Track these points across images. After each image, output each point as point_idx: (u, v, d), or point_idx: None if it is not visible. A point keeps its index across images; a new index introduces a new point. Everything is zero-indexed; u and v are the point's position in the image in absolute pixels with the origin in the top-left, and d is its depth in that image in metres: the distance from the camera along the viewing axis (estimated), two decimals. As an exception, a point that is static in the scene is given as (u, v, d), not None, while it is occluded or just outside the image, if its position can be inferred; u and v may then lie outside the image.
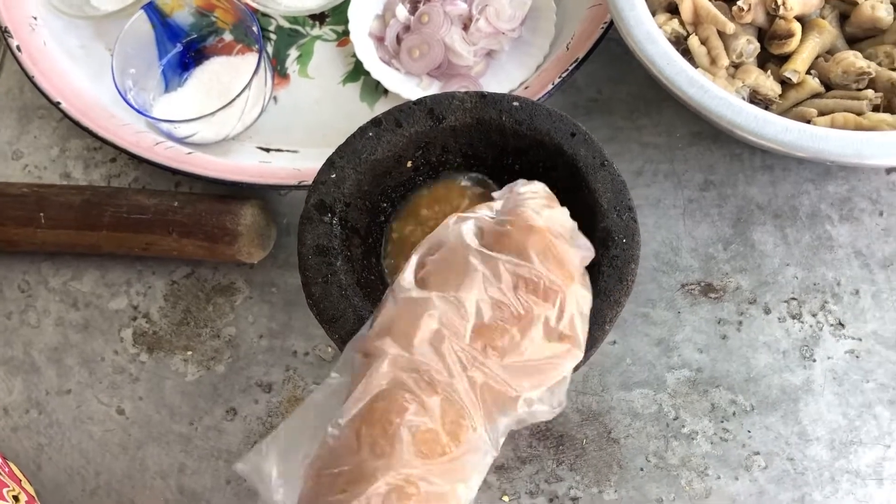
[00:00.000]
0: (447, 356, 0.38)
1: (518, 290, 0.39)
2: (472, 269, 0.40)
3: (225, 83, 0.70)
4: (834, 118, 0.58)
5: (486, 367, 0.38)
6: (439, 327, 0.38)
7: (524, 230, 0.41)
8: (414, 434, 0.36)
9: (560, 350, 0.40)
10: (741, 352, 0.61)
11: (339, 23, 0.74)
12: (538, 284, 0.40)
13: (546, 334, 0.40)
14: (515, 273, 0.40)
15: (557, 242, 0.41)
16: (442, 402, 0.37)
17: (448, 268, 0.40)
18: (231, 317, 0.65)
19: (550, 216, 0.43)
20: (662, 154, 0.67)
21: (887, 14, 0.61)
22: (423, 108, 0.54)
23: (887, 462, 0.57)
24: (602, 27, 0.66)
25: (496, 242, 0.41)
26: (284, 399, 0.62)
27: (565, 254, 0.41)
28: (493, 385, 0.38)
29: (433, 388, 0.37)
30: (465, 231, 0.42)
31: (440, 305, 0.39)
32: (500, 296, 0.39)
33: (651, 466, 0.58)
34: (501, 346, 0.39)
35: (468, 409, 0.38)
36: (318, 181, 0.52)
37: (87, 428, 0.63)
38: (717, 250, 0.64)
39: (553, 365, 0.40)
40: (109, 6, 0.73)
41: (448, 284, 0.40)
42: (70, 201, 0.65)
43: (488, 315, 0.39)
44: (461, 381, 0.38)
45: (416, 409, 0.37)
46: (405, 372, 0.38)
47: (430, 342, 0.38)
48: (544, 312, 0.40)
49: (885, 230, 0.63)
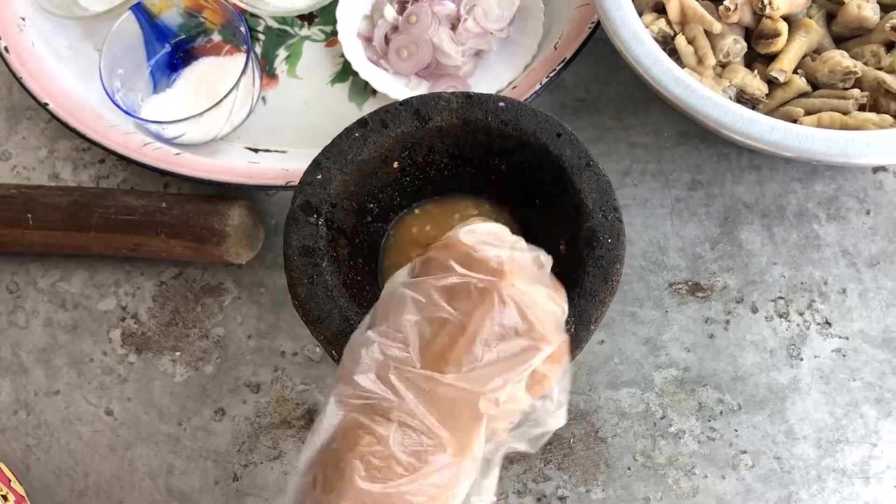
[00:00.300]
0: (396, 383, 0.37)
1: (453, 301, 0.39)
2: (399, 298, 0.40)
3: (213, 84, 0.70)
4: (820, 117, 0.58)
5: (443, 382, 0.38)
6: (383, 358, 0.38)
7: (442, 248, 0.41)
8: (366, 462, 0.36)
9: (522, 345, 0.39)
10: (728, 351, 0.61)
11: (327, 23, 0.74)
12: (469, 290, 0.39)
13: (499, 334, 0.39)
14: (442, 285, 0.39)
15: (477, 246, 0.41)
16: (398, 428, 0.37)
17: (385, 307, 0.41)
18: (219, 317, 0.65)
19: (470, 229, 0.42)
20: (650, 154, 0.67)
21: (874, 13, 0.61)
22: (410, 108, 0.54)
23: (873, 460, 0.57)
24: (590, 27, 0.66)
25: (423, 270, 0.41)
26: (273, 399, 0.62)
27: (486, 253, 0.40)
28: (453, 398, 0.38)
29: (385, 417, 0.37)
30: (397, 273, 0.42)
31: (376, 339, 0.39)
32: (438, 312, 0.39)
33: (638, 465, 0.58)
34: (454, 359, 0.38)
35: (430, 428, 0.37)
36: (304, 182, 0.52)
37: (76, 429, 0.63)
38: (705, 250, 0.64)
39: (516, 362, 0.39)
40: (98, 7, 0.73)
41: (385, 319, 0.40)
42: (58, 202, 0.64)
43: (431, 333, 0.39)
44: (417, 404, 0.37)
45: (368, 440, 0.36)
46: (355, 411, 0.38)
47: (377, 374, 0.38)
48: (486, 313, 0.39)
49: (872, 229, 0.64)
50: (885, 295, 0.62)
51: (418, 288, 0.40)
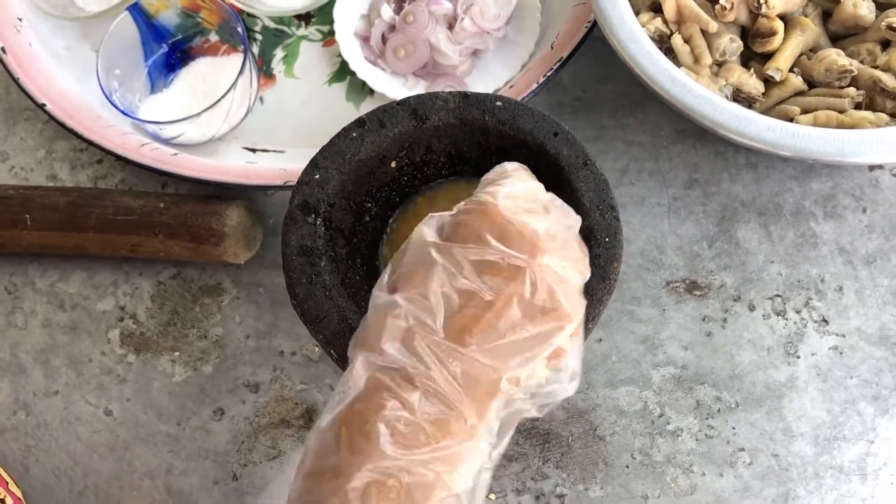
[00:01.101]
0: (420, 351, 0.37)
1: (483, 274, 0.39)
2: (430, 263, 0.39)
3: (211, 84, 0.70)
4: (817, 116, 0.59)
5: (466, 355, 0.38)
6: (408, 325, 0.38)
7: (477, 214, 0.40)
8: (392, 428, 0.36)
9: (547, 326, 0.39)
10: (726, 349, 0.61)
11: (324, 23, 0.74)
12: (500, 265, 0.39)
13: (524, 312, 0.39)
14: (475, 259, 0.39)
15: (514, 217, 0.40)
16: (423, 396, 0.37)
17: (412, 268, 0.40)
18: (218, 317, 0.65)
19: (508, 192, 0.41)
20: (647, 152, 0.67)
21: (869, 12, 0.61)
22: (407, 108, 0.54)
23: (870, 457, 0.58)
24: (586, 26, 0.66)
25: (454, 234, 0.40)
26: (272, 399, 0.62)
27: (524, 227, 0.40)
28: (473, 371, 0.38)
29: (411, 383, 0.37)
30: (424, 229, 0.41)
31: (404, 304, 0.38)
32: (467, 284, 0.39)
33: (636, 463, 0.59)
34: (479, 333, 0.38)
35: (452, 399, 0.37)
36: (302, 182, 0.52)
37: (75, 429, 0.63)
38: (702, 248, 0.64)
39: (539, 340, 0.39)
40: (94, 7, 0.73)
41: (413, 283, 0.39)
42: (56, 203, 0.65)
43: (458, 305, 0.39)
44: (439, 373, 0.37)
45: (393, 405, 0.37)
46: (381, 373, 0.38)
47: (402, 341, 0.38)
48: (516, 291, 0.39)
49: (868, 227, 0.64)
50: (882, 292, 0.62)
51: (449, 255, 0.39)
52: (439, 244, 0.40)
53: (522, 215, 0.40)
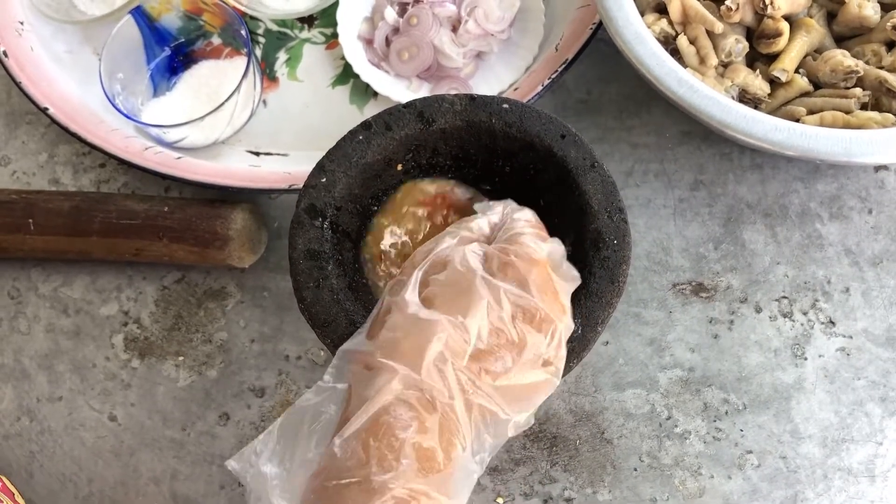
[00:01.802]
0: (448, 377, 0.39)
1: (516, 319, 0.41)
2: (478, 296, 0.41)
3: (214, 87, 0.70)
4: (823, 117, 0.58)
5: (482, 389, 0.40)
6: (443, 349, 0.40)
7: (527, 262, 0.43)
8: (417, 451, 0.38)
9: (541, 377, 0.42)
10: (733, 351, 0.61)
11: (327, 25, 0.73)
12: (535, 315, 0.42)
13: (533, 362, 0.42)
14: (516, 303, 0.41)
15: (555, 276, 0.44)
16: (440, 421, 0.39)
17: (455, 291, 0.42)
18: (222, 321, 0.65)
19: (550, 250, 0.45)
20: (652, 154, 0.67)
21: (874, 13, 0.61)
22: (413, 111, 0.53)
23: (879, 459, 0.58)
24: (591, 28, 0.66)
25: (500, 271, 0.43)
26: (277, 403, 0.62)
27: (561, 288, 0.44)
28: (489, 407, 0.40)
29: (433, 408, 0.39)
30: (470, 256, 0.43)
31: (448, 329, 0.40)
32: (500, 323, 0.41)
33: (644, 466, 0.58)
34: (494, 370, 0.41)
35: (461, 429, 0.39)
36: (309, 185, 0.52)
37: (79, 435, 0.63)
38: (708, 250, 0.64)
39: (535, 390, 0.42)
40: (96, 11, 0.73)
41: (455, 308, 0.41)
42: (59, 207, 0.64)
43: (487, 340, 0.41)
44: (458, 402, 0.39)
45: (417, 426, 0.38)
46: (409, 389, 0.39)
47: (435, 363, 0.40)
48: (536, 342, 0.41)
49: (874, 228, 0.64)
50: (889, 293, 0.62)
51: (496, 293, 0.41)
52: (488, 280, 0.42)
53: (558, 277, 0.44)
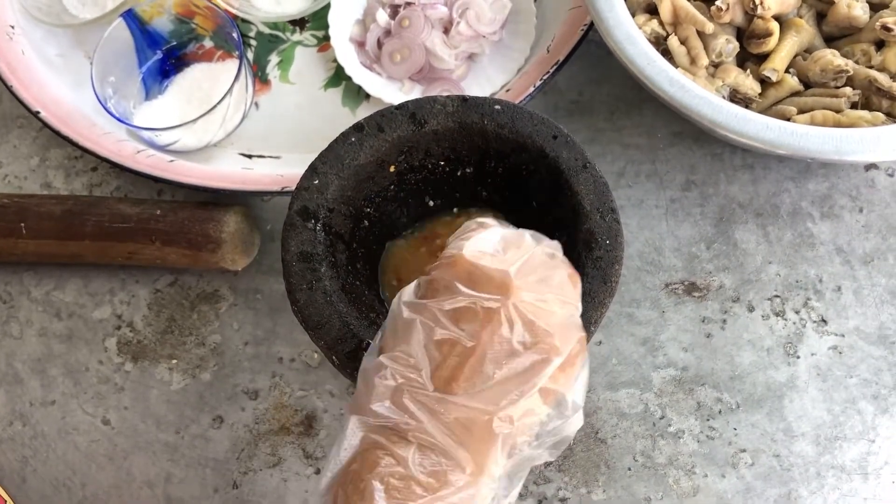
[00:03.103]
0: (411, 407, 0.38)
1: (460, 322, 0.39)
2: (406, 323, 0.40)
3: (206, 90, 0.70)
4: (813, 116, 0.59)
5: (456, 403, 0.38)
6: (397, 384, 0.38)
7: (446, 267, 0.41)
8: (386, 483, 0.36)
9: (532, 359, 0.39)
10: (726, 350, 0.61)
11: (319, 28, 0.73)
12: (474, 310, 0.39)
13: (507, 352, 0.39)
14: (449, 308, 0.39)
15: (480, 262, 0.40)
16: (417, 450, 0.37)
17: (393, 330, 0.41)
18: (216, 324, 0.65)
19: (474, 243, 0.41)
20: (644, 155, 0.67)
21: (863, 13, 0.62)
22: (406, 112, 0.54)
23: (872, 456, 0.58)
24: (582, 29, 0.66)
25: (427, 291, 0.41)
26: (271, 406, 0.62)
27: (492, 270, 0.40)
28: (466, 417, 0.38)
29: (404, 439, 0.37)
30: (404, 293, 0.41)
31: (389, 364, 0.39)
32: (445, 334, 0.39)
33: (639, 466, 0.59)
34: (465, 380, 0.38)
35: (447, 450, 0.37)
36: (301, 187, 0.52)
37: (73, 439, 0.63)
38: (700, 249, 0.64)
39: (528, 376, 0.38)
40: (88, 14, 0.73)
41: (394, 344, 0.40)
42: (51, 211, 0.64)
43: (442, 356, 0.39)
44: (432, 425, 0.37)
45: (388, 461, 0.37)
46: (374, 432, 0.38)
47: (391, 400, 0.38)
48: (494, 332, 0.38)
49: (865, 227, 0.64)
50: (880, 292, 0.62)
51: (425, 311, 0.39)
52: (413, 303, 0.40)
53: (488, 259, 0.40)
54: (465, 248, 0.41)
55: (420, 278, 0.42)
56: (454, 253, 0.41)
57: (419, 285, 0.42)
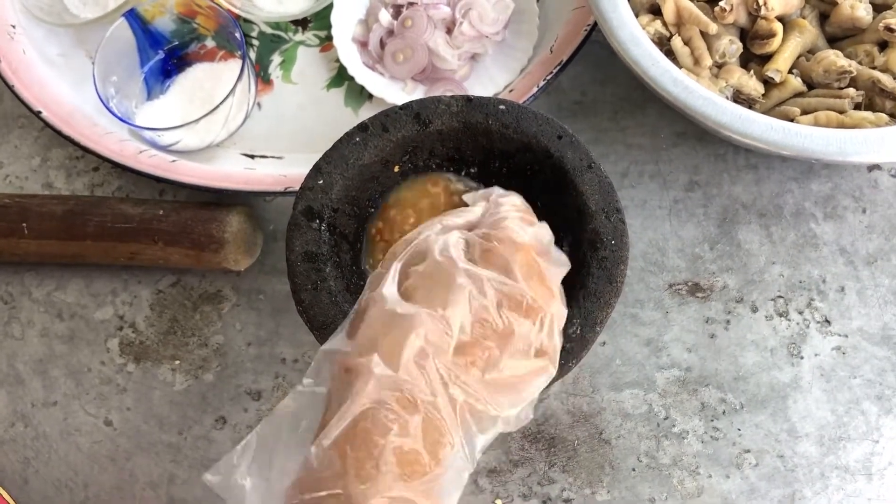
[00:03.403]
0: (430, 373, 0.38)
1: (502, 307, 0.40)
2: (458, 286, 0.39)
3: (208, 90, 0.70)
4: (817, 117, 0.59)
5: (468, 384, 0.38)
6: (424, 344, 0.38)
7: (510, 247, 0.41)
8: (398, 456, 0.36)
9: (535, 366, 0.40)
10: (729, 350, 0.61)
11: (321, 28, 0.73)
12: (521, 302, 0.40)
13: (524, 352, 0.40)
14: (500, 291, 0.40)
15: (541, 261, 0.42)
16: (423, 421, 0.37)
17: (434, 282, 0.40)
18: (218, 325, 0.65)
19: (535, 233, 0.43)
20: (647, 155, 0.67)
21: (866, 13, 0.62)
22: (410, 112, 0.53)
23: (875, 457, 0.58)
24: (585, 29, 0.66)
25: (481, 258, 0.41)
26: (274, 406, 0.62)
27: (548, 272, 0.42)
28: (474, 404, 0.38)
29: (415, 407, 0.37)
30: (451, 245, 0.41)
31: (427, 323, 0.38)
32: (485, 313, 0.39)
33: (643, 466, 0.59)
34: (482, 362, 0.39)
35: (448, 427, 0.37)
36: (306, 187, 0.52)
37: (75, 440, 0.62)
38: (704, 250, 0.64)
39: (528, 382, 0.40)
40: (89, 14, 0.73)
41: (435, 300, 0.39)
42: (53, 211, 0.64)
43: (471, 331, 0.39)
44: (443, 399, 0.38)
45: (398, 429, 0.36)
46: (388, 390, 0.37)
47: (415, 360, 0.38)
48: (525, 330, 0.40)
49: (869, 227, 0.64)
50: (883, 292, 0.62)
51: (479, 282, 0.40)
52: (469, 269, 0.40)
53: (546, 260, 0.42)
54: (528, 237, 0.42)
55: (470, 236, 0.42)
56: (519, 237, 0.42)
57: (468, 245, 0.42)
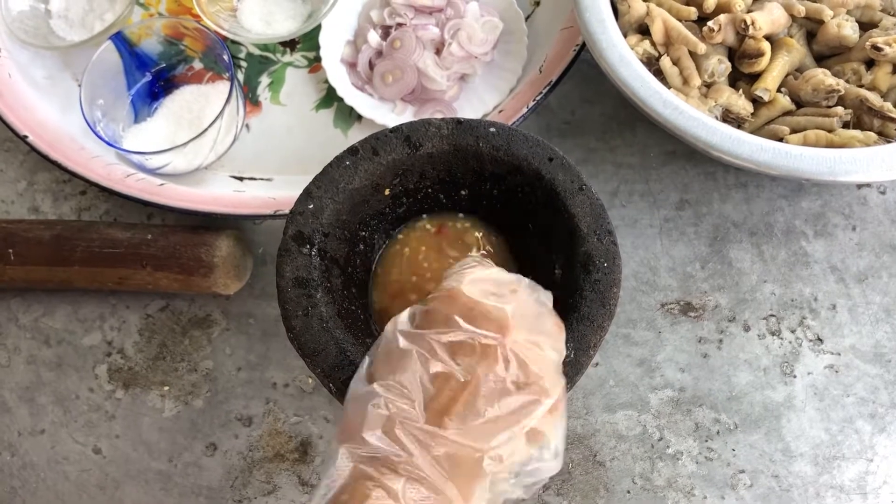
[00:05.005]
0: (403, 439, 0.38)
1: (456, 356, 0.39)
2: (404, 353, 0.40)
3: (196, 112, 0.69)
4: (806, 136, 0.59)
5: (447, 438, 0.38)
6: (389, 413, 0.38)
7: (445, 300, 0.41)
8: None
9: (524, 400, 0.40)
10: (722, 370, 0.61)
11: (310, 49, 0.73)
12: (471, 345, 0.40)
13: (500, 389, 0.39)
14: (446, 341, 0.40)
15: (481, 299, 0.41)
16: (407, 483, 0.37)
17: (387, 357, 0.41)
18: (208, 350, 0.64)
19: (473, 278, 0.42)
20: (637, 174, 0.67)
21: (853, 32, 0.62)
22: (400, 135, 0.53)
23: (870, 476, 0.58)
24: (574, 49, 0.66)
25: (424, 321, 0.41)
26: (265, 432, 0.61)
27: (491, 308, 0.41)
28: (456, 453, 0.38)
29: (395, 471, 0.37)
30: (399, 320, 0.42)
31: (383, 393, 0.39)
32: (441, 367, 0.39)
33: (637, 489, 0.58)
34: (457, 414, 0.39)
35: (436, 483, 0.37)
36: (296, 212, 0.51)
37: (63, 469, 0.61)
38: (695, 269, 0.64)
39: (518, 416, 0.39)
40: (75, 36, 0.72)
41: (388, 372, 0.40)
42: (40, 236, 0.63)
43: (435, 388, 0.39)
44: (423, 459, 0.37)
45: (379, 494, 0.36)
46: (364, 463, 0.38)
47: (383, 430, 0.38)
48: (489, 369, 0.39)
49: (859, 245, 0.64)
50: (875, 310, 0.62)
51: (422, 342, 0.40)
52: (410, 332, 0.40)
53: (489, 298, 0.41)
54: (464, 284, 0.42)
55: (414, 307, 0.43)
56: (454, 287, 0.42)
57: (414, 315, 0.42)
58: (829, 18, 0.62)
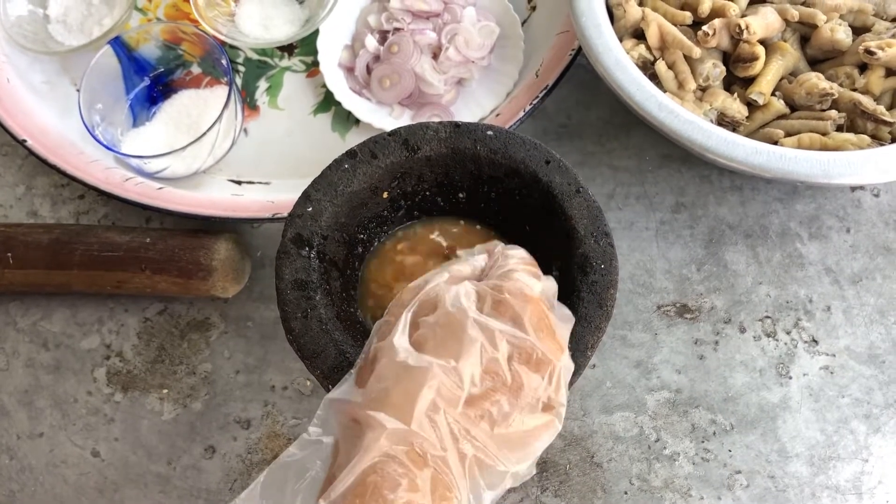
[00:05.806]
0: (441, 427, 0.38)
1: (512, 360, 0.40)
2: (470, 339, 0.40)
3: (194, 116, 0.69)
4: (800, 139, 0.59)
5: (477, 439, 0.38)
6: (436, 398, 0.38)
7: (520, 299, 0.41)
8: None
9: (543, 421, 0.40)
10: (719, 371, 0.61)
11: (307, 53, 0.74)
12: (532, 356, 0.40)
13: (532, 406, 0.40)
14: (511, 343, 0.40)
15: (551, 315, 0.42)
16: (432, 476, 0.37)
17: (446, 334, 0.40)
18: (206, 353, 0.64)
19: (545, 288, 0.44)
20: (633, 177, 0.68)
21: (846, 36, 0.63)
22: (398, 138, 0.54)
23: (865, 476, 0.58)
24: (570, 53, 0.67)
25: (493, 310, 0.41)
26: (264, 435, 0.61)
27: (557, 327, 0.42)
28: (484, 458, 0.38)
29: (424, 462, 0.37)
30: (462, 296, 0.41)
31: (439, 375, 0.38)
32: (495, 366, 0.39)
33: (635, 490, 0.58)
34: (491, 415, 0.39)
35: (456, 482, 0.38)
36: (295, 215, 0.52)
37: (62, 472, 0.61)
38: (691, 271, 0.64)
39: (535, 437, 0.40)
40: (74, 41, 0.73)
41: (446, 352, 0.39)
42: (38, 240, 0.63)
43: (481, 384, 0.39)
44: (452, 454, 0.38)
45: (407, 483, 0.36)
46: (398, 444, 0.37)
47: (427, 413, 0.38)
48: (534, 384, 0.40)
49: (853, 246, 0.65)
50: (869, 311, 0.63)
51: (490, 334, 0.40)
52: (481, 321, 0.40)
53: (553, 315, 0.43)
54: (537, 291, 0.43)
55: (481, 287, 0.43)
56: (530, 290, 0.42)
57: (480, 296, 0.42)
58: (822, 23, 0.62)
